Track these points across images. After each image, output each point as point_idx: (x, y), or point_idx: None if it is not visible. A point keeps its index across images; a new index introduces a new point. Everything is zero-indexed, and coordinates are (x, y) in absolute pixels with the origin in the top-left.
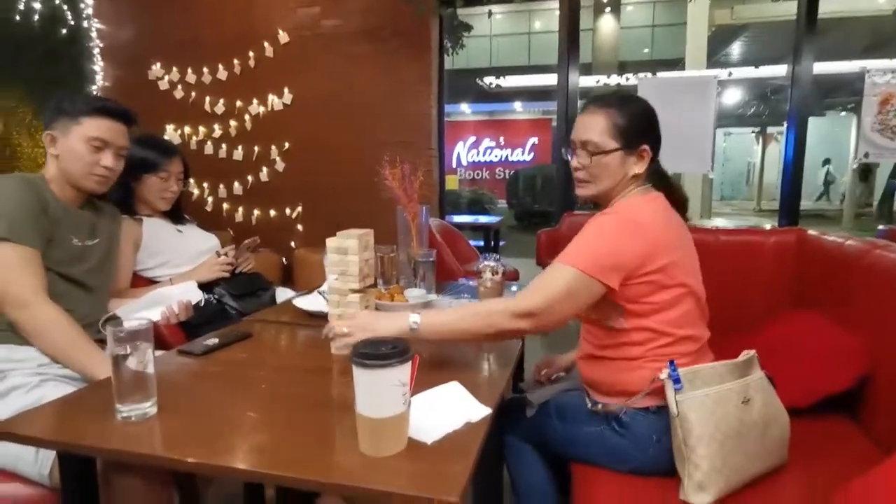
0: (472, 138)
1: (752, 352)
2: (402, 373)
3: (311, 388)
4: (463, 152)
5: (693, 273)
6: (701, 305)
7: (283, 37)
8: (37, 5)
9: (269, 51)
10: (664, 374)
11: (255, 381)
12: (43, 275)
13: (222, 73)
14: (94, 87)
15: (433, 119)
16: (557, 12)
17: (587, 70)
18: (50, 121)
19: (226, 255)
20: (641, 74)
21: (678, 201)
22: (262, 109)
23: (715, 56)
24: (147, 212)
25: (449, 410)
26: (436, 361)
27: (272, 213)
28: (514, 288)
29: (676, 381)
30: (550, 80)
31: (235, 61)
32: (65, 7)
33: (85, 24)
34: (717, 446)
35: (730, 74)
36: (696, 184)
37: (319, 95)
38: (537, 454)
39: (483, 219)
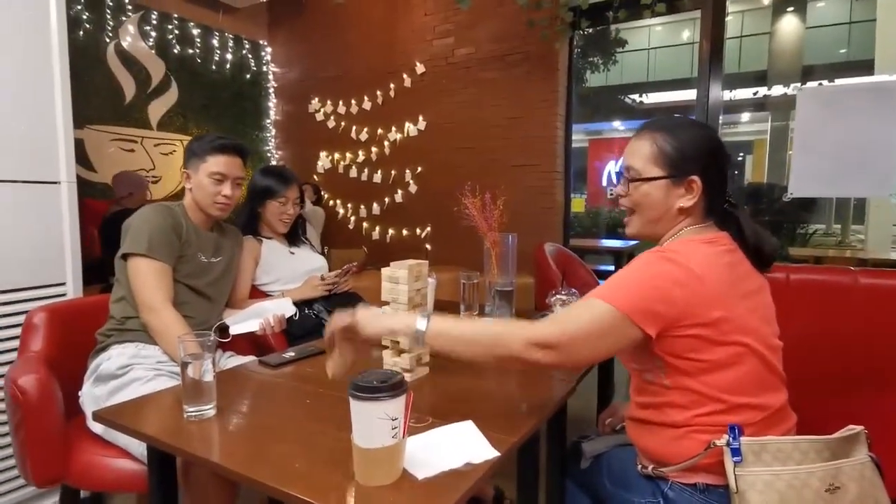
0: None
1: (859, 428)
2: (392, 407)
3: (346, 409)
4: (613, 171)
5: (754, 330)
6: (770, 366)
7: (420, 68)
8: (229, 56)
9: (406, 81)
10: (722, 441)
11: (303, 396)
12: (171, 286)
13: (367, 104)
14: (268, 121)
15: (559, 142)
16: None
17: (761, 79)
18: (185, 161)
19: (322, 278)
20: (804, 85)
21: (758, 250)
22: (399, 136)
23: None
24: (268, 233)
25: (453, 449)
26: (464, 394)
27: (404, 232)
28: None
29: (735, 452)
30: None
31: (378, 93)
32: (249, 56)
33: (264, 68)
34: None
35: None
36: (885, 210)
37: (451, 121)
38: None
39: (610, 242)
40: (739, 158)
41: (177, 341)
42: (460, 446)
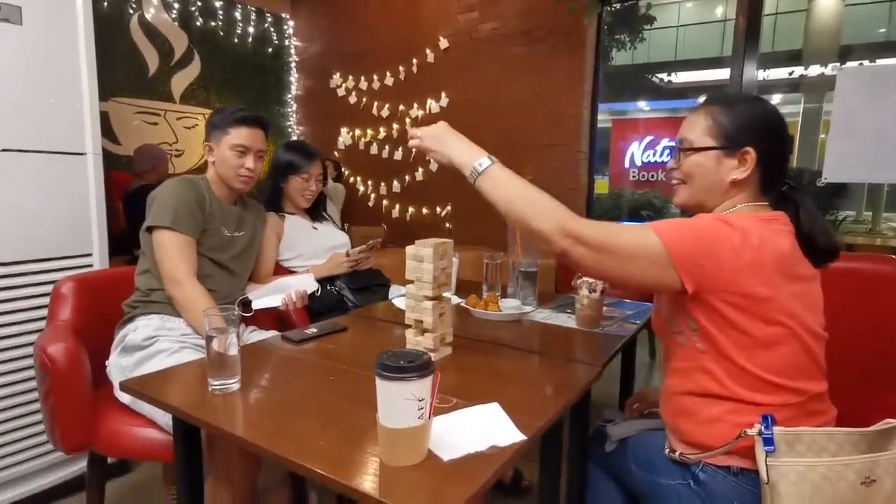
0: (650, 138)
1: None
2: (418, 388)
3: (370, 388)
4: (637, 152)
5: (798, 315)
6: (812, 354)
7: (444, 43)
8: (251, 29)
9: (430, 57)
10: (754, 430)
11: (327, 372)
12: (195, 259)
13: (389, 80)
14: (290, 96)
15: (585, 121)
16: None
17: (795, 59)
18: (207, 134)
19: (347, 254)
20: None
21: (810, 241)
22: (420, 113)
23: None
24: (291, 209)
25: (478, 431)
26: (488, 375)
27: (424, 210)
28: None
29: (768, 440)
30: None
31: (400, 68)
32: (272, 30)
33: (286, 42)
34: None
35: None
36: None
37: (473, 98)
38: (618, 490)
39: (629, 223)
40: None
41: (202, 315)
42: (486, 429)
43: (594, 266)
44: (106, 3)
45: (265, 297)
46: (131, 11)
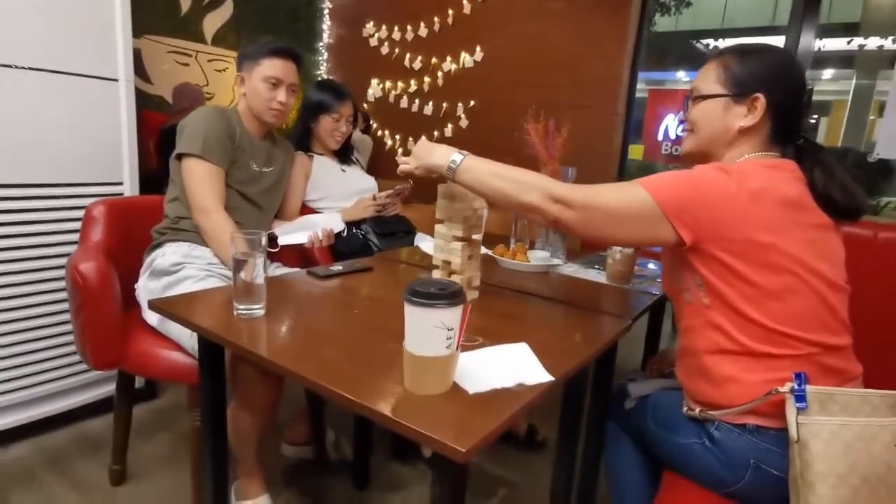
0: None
1: None
2: (448, 316)
3: (396, 322)
4: (672, 125)
5: (810, 264)
6: (830, 306)
7: None
8: None
9: (466, 8)
10: (786, 388)
11: (351, 306)
12: (223, 190)
13: (423, 31)
14: (321, 44)
15: (624, 82)
16: None
17: (851, 31)
18: (239, 64)
19: (374, 198)
20: None
21: (827, 198)
22: (453, 67)
23: None
24: (320, 150)
25: (506, 368)
26: (516, 322)
27: None
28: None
29: (800, 398)
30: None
31: (435, 19)
32: None
33: None
34: (847, 492)
35: None
36: None
37: (509, 54)
38: (636, 448)
39: None
40: (813, 119)
41: (228, 243)
42: (513, 367)
43: (587, 227)
44: None
45: (291, 233)
46: None
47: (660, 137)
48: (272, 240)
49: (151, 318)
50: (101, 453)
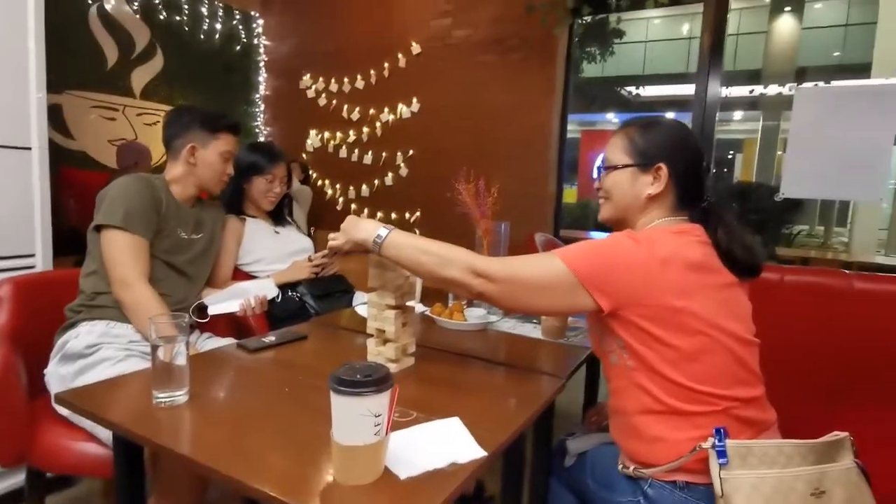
0: None
1: (844, 434)
2: (376, 403)
3: (328, 400)
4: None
5: (721, 325)
6: (742, 362)
7: (416, 48)
8: (218, 26)
9: (402, 61)
10: (708, 444)
11: (283, 384)
12: (147, 261)
13: (360, 83)
14: (258, 96)
15: (554, 130)
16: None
17: (755, 78)
18: (188, 133)
19: (310, 259)
20: (801, 84)
21: (728, 255)
22: (391, 117)
23: None
24: (253, 212)
25: (438, 447)
26: (450, 387)
27: (393, 216)
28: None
29: (721, 453)
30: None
31: (372, 71)
32: (240, 27)
33: (255, 41)
34: None
35: None
36: (871, 214)
37: (445, 104)
38: None
39: (599, 234)
40: (730, 156)
41: (153, 313)
42: (446, 444)
43: (509, 300)
44: None
45: (222, 302)
46: (90, 2)
47: (595, 175)
48: (202, 309)
49: (61, 407)
50: None
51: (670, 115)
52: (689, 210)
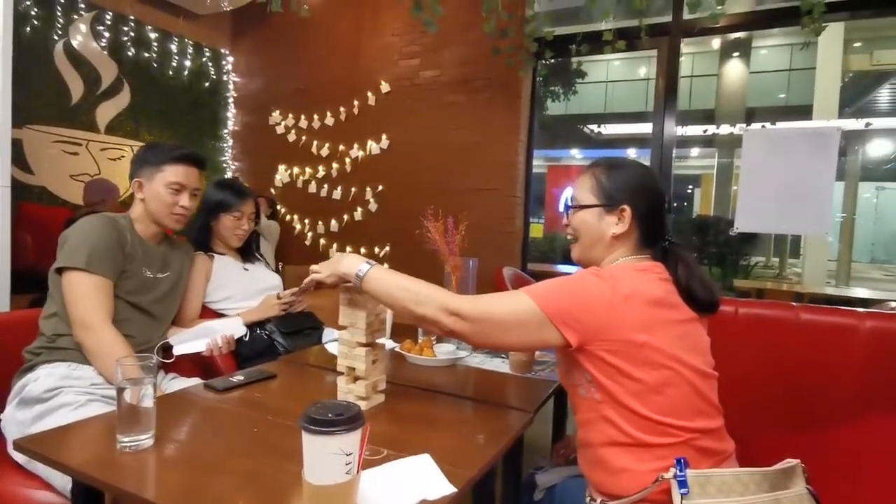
0: None
1: (795, 462)
2: (347, 442)
3: (297, 439)
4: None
5: (682, 359)
6: (702, 394)
7: (385, 87)
8: (187, 63)
9: (371, 100)
10: (669, 474)
11: (250, 424)
12: (111, 303)
13: (329, 120)
14: (226, 131)
15: (520, 167)
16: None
17: (710, 118)
18: (137, 169)
19: (279, 297)
20: (749, 125)
21: (688, 292)
22: (360, 154)
23: (855, 104)
24: (221, 249)
25: (407, 485)
26: (420, 423)
27: (363, 250)
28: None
29: (682, 483)
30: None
31: (341, 109)
32: (210, 64)
33: (225, 77)
34: None
35: (867, 125)
36: (820, 247)
37: (413, 142)
38: None
39: (566, 268)
40: (689, 191)
41: (114, 363)
42: (416, 481)
43: (480, 337)
44: (28, 29)
45: (188, 341)
46: (56, 38)
47: (561, 209)
48: (167, 349)
49: (18, 454)
50: None
51: (631, 151)
52: (651, 248)
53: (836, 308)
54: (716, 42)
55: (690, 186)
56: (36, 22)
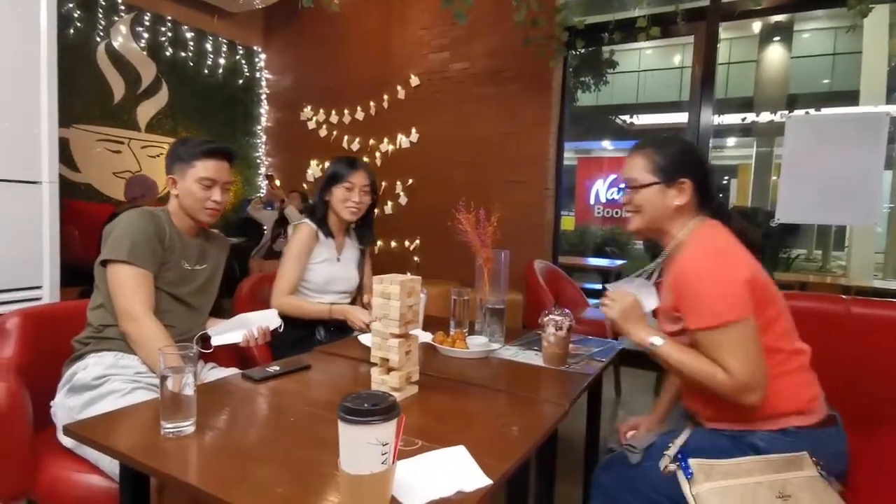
0: (613, 176)
1: (802, 453)
2: (383, 432)
3: (332, 429)
4: (602, 189)
5: (775, 290)
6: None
7: (415, 80)
8: (222, 61)
9: (401, 93)
10: (672, 467)
11: (288, 413)
12: (152, 294)
13: (360, 114)
14: (259, 127)
15: (551, 159)
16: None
17: (747, 106)
18: (170, 166)
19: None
20: (791, 112)
21: (748, 242)
22: (391, 147)
23: None
24: (333, 228)
25: (443, 475)
26: (454, 415)
27: (393, 244)
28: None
29: (686, 468)
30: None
31: (371, 103)
32: (243, 62)
33: (258, 75)
34: None
35: None
36: (867, 238)
37: (443, 135)
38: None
39: (597, 261)
40: (724, 182)
41: (157, 353)
42: (451, 473)
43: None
44: (72, 31)
45: (225, 333)
46: (98, 39)
47: (591, 201)
48: (205, 340)
49: (67, 439)
50: None
51: None
52: (705, 210)
53: (889, 301)
54: (756, 26)
55: (727, 177)
56: (79, 24)
